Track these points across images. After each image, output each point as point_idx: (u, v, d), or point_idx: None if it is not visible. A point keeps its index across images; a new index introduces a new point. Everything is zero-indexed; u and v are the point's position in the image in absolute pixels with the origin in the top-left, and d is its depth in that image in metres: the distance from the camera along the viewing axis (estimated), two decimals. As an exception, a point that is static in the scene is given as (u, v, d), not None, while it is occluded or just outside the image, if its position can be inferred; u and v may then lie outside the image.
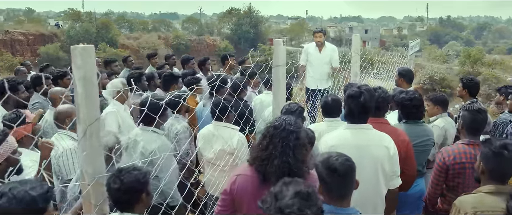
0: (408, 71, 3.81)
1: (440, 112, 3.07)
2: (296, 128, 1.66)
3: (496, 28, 77.09)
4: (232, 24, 46.21)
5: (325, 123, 2.69)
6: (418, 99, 2.56)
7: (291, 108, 2.49)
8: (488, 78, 26.88)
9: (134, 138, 2.49)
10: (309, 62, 5.46)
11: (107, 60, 5.13)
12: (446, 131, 3.00)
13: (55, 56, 33.07)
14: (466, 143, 2.26)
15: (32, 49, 35.41)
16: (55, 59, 30.12)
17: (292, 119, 1.70)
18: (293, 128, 1.65)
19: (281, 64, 2.59)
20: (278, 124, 1.67)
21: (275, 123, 1.70)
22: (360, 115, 2.03)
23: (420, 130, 2.59)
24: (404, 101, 2.56)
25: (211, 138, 2.67)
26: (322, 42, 5.38)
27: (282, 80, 2.62)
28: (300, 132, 1.67)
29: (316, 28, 5.77)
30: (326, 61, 5.35)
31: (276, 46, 2.60)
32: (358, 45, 4.19)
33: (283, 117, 1.73)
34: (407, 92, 2.64)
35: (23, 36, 35.65)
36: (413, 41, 5.91)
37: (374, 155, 2.01)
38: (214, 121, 2.71)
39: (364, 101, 2.01)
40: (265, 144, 1.66)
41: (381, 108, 2.35)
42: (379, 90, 2.36)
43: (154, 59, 5.81)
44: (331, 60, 5.36)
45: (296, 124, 1.69)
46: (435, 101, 3.09)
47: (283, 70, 2.62)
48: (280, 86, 2.62)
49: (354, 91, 2.05)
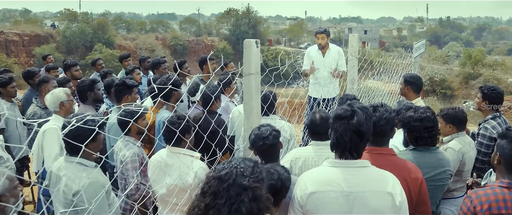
0: (416, 78, 3.13)
1: (454, 131, 2.45)
2: (253, 180, 1.06)
3: (496, 29, 76.73)
4: (231, 24, 46.11)
5: (312, 148, 2.07)
6: (430, 119, 1.92)
7: (261, 133, 1.83)
8: (489, 79, 26.58)
9: (56, 172, 1.88)
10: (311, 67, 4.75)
11: (67, 64, 4.49)
12: (464, 154, 2.38)
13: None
14: (505, 185, 1.64)
15: (27, 50, 35.17)
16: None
17: (249, 164, 1.10)
18: (248, 180, 1.06)
19: (254, 72, 1.99)
20: (224, 174, 1.08)
21: (220, 171, 1.10)
22: (353, 145, 1.43)
23: (433, 159, 1.97)
24: (413, 121, 1.93)
25: (163, 168, 2.07)
26: (325, 45, 4.66)
27: (255, 94, 2.02)
28: (260, 186, 1.07)
29: (318, 28, 4.86)
30: (330, 66, 4.63)
31: (247, 49, 2.00)
32: (356, 47, 3.53)
33: (236, 160, 1.13)
34: (416, 109, 2.00)
35: (18, 37, 35.41)
36: (418, 42, 5.28)
37: (371, 206, 1.41)
38: (169, 145, 2.10)
39: (358, 125, 1.42)
40: (203, 207, 1.05)
41: (384, 133, 1.71)
42: (381, 109, 1.70)
43: (127, 62, 5.16)
44: (337, 64, 4.69)
45: (255, 171, 1.08)
46: (448, 118, 2.42)
47: (256, 80, 2.02)
48: (252, 101, 2.02)
49: (342, 111, 1.46)
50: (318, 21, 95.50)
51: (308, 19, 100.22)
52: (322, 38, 4.63)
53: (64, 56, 29.69)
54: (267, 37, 47.38)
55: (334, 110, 1.49)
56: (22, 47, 35.01)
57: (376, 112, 1.67)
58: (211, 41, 43.57)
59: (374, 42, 51.83)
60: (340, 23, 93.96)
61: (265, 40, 44.70)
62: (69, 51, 35.78)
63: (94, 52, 31.59)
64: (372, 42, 51.40)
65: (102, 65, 5.29)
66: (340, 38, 50.87)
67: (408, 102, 2.61)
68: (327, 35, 4.68)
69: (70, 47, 36.47)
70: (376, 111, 1.69)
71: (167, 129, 2.03)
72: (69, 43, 36.83)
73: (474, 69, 29.59)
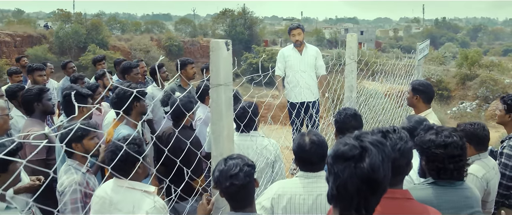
0: (427, 86, 2.60)
1: (474, 152, 1.98)
2: None
3: (491, 29, 77.05)
4: (226, 25, 46.00)
5: (299, 181, 1.60)
6: (458, 145, 1.45)
7: (228, 170, 1.32)
8: (485, 80, 26.47)
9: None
10: (288, 68, 4.20)
11: (30, 67, 3.95)
12: (489, 182, 1.93)
13: (43, 58, 32.19)
14: None
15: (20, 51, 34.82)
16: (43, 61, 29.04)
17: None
18: None
19: (224, 83, 1.52)
20: None
21: None
22: (361, 199, 0.95)
23: (459, 197, 1.49)
24: (434, 148, 1.46)
25: (107, 206, 1.58)
26: (302, 41, 4.17)
27: (225, 111, 1.55)
28: None
29: (291, 24, 4.32)
30: (310, 64, 4.14)
31: (215, 52, 1.53)
32: (355, 48, 3.01)
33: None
34: (439, 131, 1.50)
35: (10, 37, 35.00)
36: (422, 43, 4.82)
37: None
38: (115, 178, 1.62)
39: (370, 171, 0.93)
40: None
41: (397, 171, 1.21)
42: (393, 136, 1.22)
43: (101, 65, 4.65)
44: (315, 66, 4.19)
45: None
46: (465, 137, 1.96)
47: (228, 93, 1.54)
48: (222, 121, 1.55)
49: (347, 147, 0.97)
50: (314, 21, 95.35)
51: (304, 20, 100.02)
52: (299, 34, 4.14)
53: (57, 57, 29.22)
54: (263, 38, 47.09)
55: (334, 146, 1.00)
56: (14, 48, 34.61)
57: (387, 140, 1.20)
58: (206, 42, 43.29)
59: (370, 43, 51.63)
60: (336, 23, 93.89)
61: (261, 41, 44.44)
62: (62, 52, 35.27)
63: (88, 53, 31.09)
64: (368, 43, 51.19)
65: (74, 68, 4.77)
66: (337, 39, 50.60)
67: (420, 117, 2.12)
68: (303, 30, 4.19)
69: (63, 48, 36.03)
70: (386, 138, 1.21)
71: (109, 156, 1.55)
72: (62, 44, 36.60)
73: (470, 70, 29.47)
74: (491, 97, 25.40)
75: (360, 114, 2.09)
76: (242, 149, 2.27)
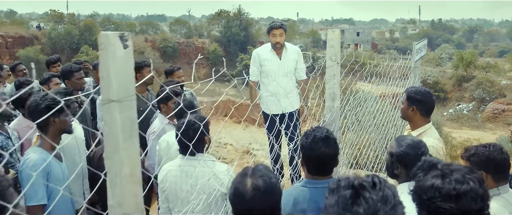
0: (425, 95, 2.02)
1: (492, 184, 1.47)
2: None
3: (487, 31, 77.33)
4: (222, 26, 45.98)
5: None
6: (477, 195, 0.97)
7: None
8: (482, 82, 26.45)
9: None
10: (264, 74, 3.58)
11: None
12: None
13: (35, 59, 31.70)
14: None
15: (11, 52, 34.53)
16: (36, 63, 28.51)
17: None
18: None
19: (117, 99, 0.99)
20: None
21: None
22: None
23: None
24: (440, 200, 0.98)
25: None
26: (282, 44, 3.53)
27: (124, 140, 1.02)
28: None
29: (273, 22, 3.60)
30: (290, 70, 3.55)
31: (104, 51, 1.00)
32: (337, 47, 2.31)
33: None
34: (445, 172, 1.01)
35: (1, 38, 34.76)
36: (419, 43, 4.30)
37: None
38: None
39: None
40: None
41: None
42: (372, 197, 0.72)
43: (55, 67, 4.08)
44: (296, 69, 3.61)
45: None
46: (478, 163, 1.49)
47: (127, 114, 1.02)
48: (118, 153, 1.03)
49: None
50: (310, 22, 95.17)
51: (300, 21, 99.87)
52: (280, 35, 3.48)
53: (49, 59, 28.71)
54: (259, 39, 46.80)
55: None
56: (5, 49, 34.32)
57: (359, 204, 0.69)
58: (201, 43, 43.18)
59: (366, 44, 51.41)
60: (332, 24, 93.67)
61: (256, 42, 44.22)
62: (55, 53, 34.88)
63: (80, 54, 30.69)
64: (364, 44, 50.97)
65: (24, 71, 4.19)
66: (333, 40, 50.34)
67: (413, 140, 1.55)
68: (285, 31, 3.55)
69: (55, 49, 35.72)
70: (359, 198, 0.70)
71: None
72: (55, 45, 36.54)
73: (467, 72, 29.42)
74: (487, 99, 25.35)
75: (334, 136, 1.53)
76: (189, 176, 1.75)
